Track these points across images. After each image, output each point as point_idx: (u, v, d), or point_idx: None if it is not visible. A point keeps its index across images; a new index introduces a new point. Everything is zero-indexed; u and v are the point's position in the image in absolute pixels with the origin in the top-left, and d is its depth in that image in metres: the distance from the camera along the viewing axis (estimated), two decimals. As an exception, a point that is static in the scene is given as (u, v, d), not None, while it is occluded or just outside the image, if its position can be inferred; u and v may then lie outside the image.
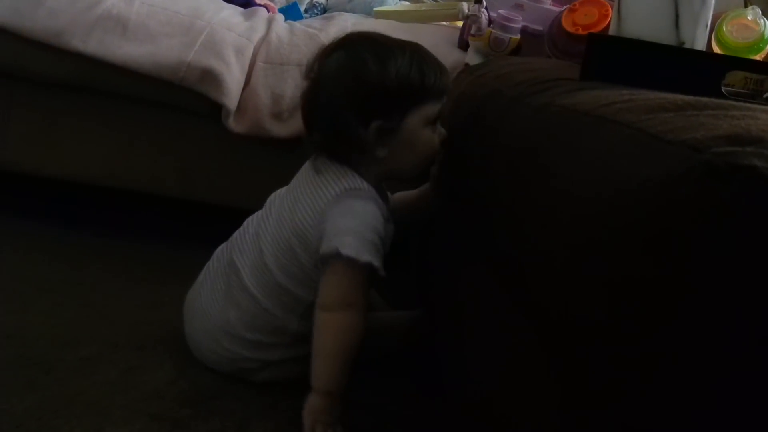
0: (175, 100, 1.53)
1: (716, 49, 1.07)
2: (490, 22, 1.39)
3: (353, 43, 1.07)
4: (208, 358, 1.12)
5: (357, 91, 1.03)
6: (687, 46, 0.82)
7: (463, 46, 1.53)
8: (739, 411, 0.43)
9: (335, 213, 1.03)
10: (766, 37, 1.05)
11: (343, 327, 1.01)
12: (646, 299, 0.44)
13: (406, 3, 2.02)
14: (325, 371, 1.00)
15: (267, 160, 1.56)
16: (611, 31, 0.88)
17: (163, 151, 1.62)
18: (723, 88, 0.75)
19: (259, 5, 1.76)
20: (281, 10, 1.86)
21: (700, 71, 0.76)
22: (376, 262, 1.00)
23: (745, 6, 1.12)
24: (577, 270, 0.53)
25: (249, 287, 1.08)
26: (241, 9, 1.69)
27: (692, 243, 0.41)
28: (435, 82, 1.06)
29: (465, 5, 1.47)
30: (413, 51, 1.07)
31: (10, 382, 1.01)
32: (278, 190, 1.15)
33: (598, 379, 0.50)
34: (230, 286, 1.10)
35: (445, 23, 1.74)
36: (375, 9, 1.75)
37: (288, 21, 1.67)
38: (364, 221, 1.03)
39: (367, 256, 1.00)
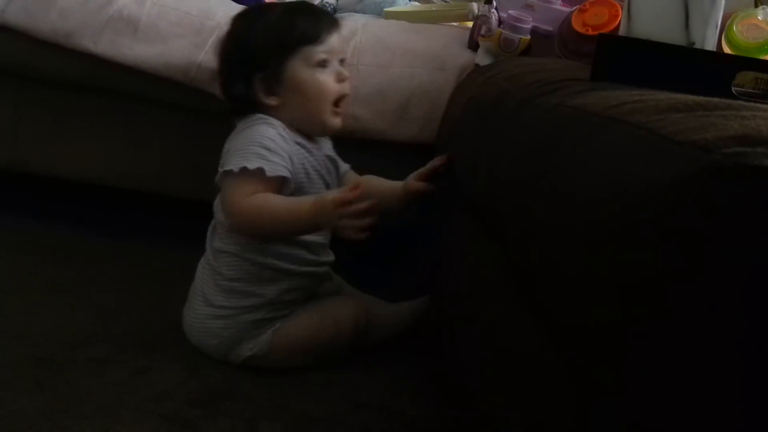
0: (186, 100, 1.54)
1: (726, 50, 1.06)
2: (500, 22, 1.39)
3: (236, 15, 1.21)
4: (213, 329, 1.14)
5: (232, 52, 1.17)
6: (697, 46, 0.82)
7: (473, 46, 1.53)
8: (748, 410, 0.42)
9: (229, 145, 1.14)
10: (776, 37, 1.04)
11: (253, 219, 1.08)
12: (656, 299, 0.44)
13: (416, 3, 2.02)
14: (291, 228, 1.09)
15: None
16: (621, 32, 0.88)
17: (173, 151, 1.63)
18: (733, 89, 0.75)
19: (269, 6, 1.76)
20: (291, 11, 1.86)
21: (710, 71, 0.76)
22: (251, 165, 1.06)
23: (756, 6, 1.11)
24: (587, 270, 0.53)
25: (219, 244, 1.16)
26: (251, 10, 1.69)
27: (702, 243, 0.41)
28: (308, 28, 1.15)
29: (475, 6, 1.47)
30: (288, 7, 1.20)
31: (20, 383, 1.01)
32: None
33: (608, 379, 0.50)
34: (209, 257, 1.17)
35: (455, 24, 1.74)
36: (385, 9, 1.74)
37: (298, 22, 1.67)
38: (247, 139, 1.11)
39: (242, 164, 1.07)
